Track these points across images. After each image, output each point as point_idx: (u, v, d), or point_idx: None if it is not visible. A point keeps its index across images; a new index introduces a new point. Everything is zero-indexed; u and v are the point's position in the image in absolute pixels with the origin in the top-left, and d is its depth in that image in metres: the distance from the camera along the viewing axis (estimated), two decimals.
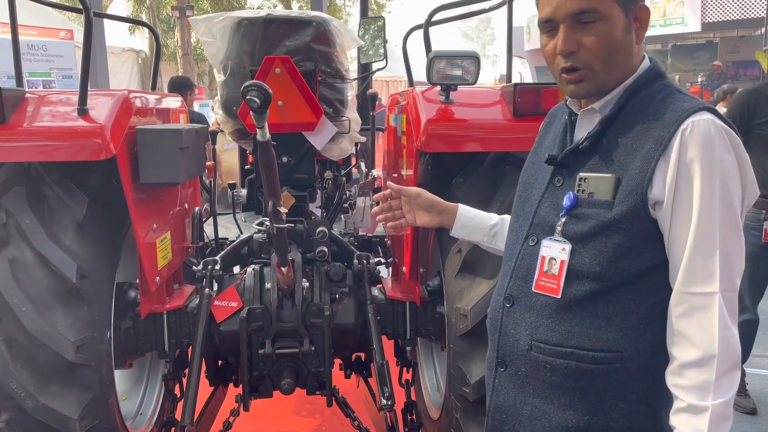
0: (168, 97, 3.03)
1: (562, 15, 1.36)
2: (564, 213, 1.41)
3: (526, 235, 1.50)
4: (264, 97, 1.79)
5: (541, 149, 1.59)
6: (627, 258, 1.35)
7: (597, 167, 1.39)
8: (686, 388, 1.29)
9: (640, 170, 1.33)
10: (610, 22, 1.35)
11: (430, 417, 2.90)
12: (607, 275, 1.36)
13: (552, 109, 1.68)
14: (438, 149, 2.41)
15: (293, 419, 3.77)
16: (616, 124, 1.40)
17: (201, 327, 2.58)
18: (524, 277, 1.48)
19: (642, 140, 1.35)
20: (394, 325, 2.84)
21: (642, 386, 1.39)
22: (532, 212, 1.50)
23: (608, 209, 1.35)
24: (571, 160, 1.44)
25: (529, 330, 1.45)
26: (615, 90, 1.41)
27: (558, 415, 1.43)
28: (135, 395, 2.96)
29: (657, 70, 1.43)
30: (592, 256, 1.37)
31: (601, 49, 1.36)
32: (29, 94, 2.26)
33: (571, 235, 1.40)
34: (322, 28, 2.95)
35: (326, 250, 2.86)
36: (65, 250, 2.17)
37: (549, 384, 1.43)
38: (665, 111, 1.34)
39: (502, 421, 1.53)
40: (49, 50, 9.02)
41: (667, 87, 1.41)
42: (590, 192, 1.38)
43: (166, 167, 2.37)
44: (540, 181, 1.52)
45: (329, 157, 3.25)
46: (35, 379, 2.07)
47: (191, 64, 18.49)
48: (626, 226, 1.34)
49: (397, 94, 3.15)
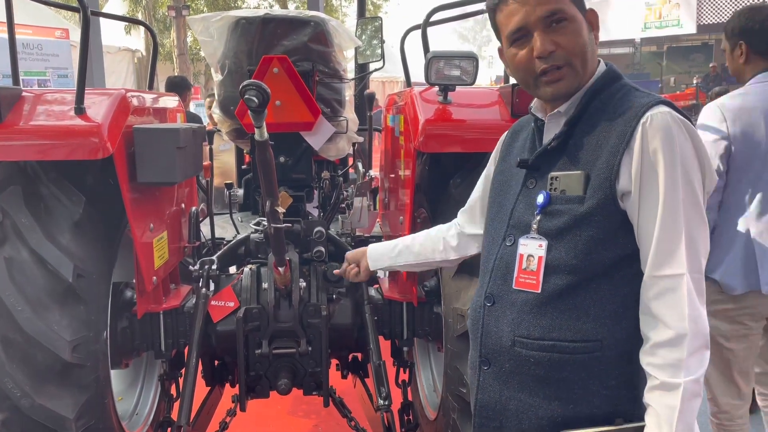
0: (165, 96, 3.03)
1: (534, 20, 1.42)
2: (538, 211, 1.47)
3: (503, 236, 1.56)
4: (262, 97, 1.79)
5: (510, 157, 1.66)
6: (600, 249, 1.41)
7: (566, 166, 1.46)
8: (659, 366, 1.34)
9: (607, 164, 1.39)
10: (576, 21, 1.43)
11: (427, 417, 2.90)
12: (583, 267, 1.42)
13: (514, 124, 1.76)
14: (436, 149, 2.42)
15: (290, 419, 3.76)
16: (581, 124, 1.47)
17: (198, 327, 2.58)
18: (503, 276, 1.53)
19: (606, 137, 1.42)
20: (391, 326, 2.84)
21: (621, 372, 1.44)
22: (507, 215, 1.56)
23: (580, 204, 1.42)
24: (541, 162, 1.51)
25: (511, 326, 1.49)
26: (578, 93, 1.48)
27: (544, 407, 1.47)
28: (131, 395, 2.95)
29: (614, 72, 1.51)
30: (568, 250, 1.43)
31: (576, 45, 1.43)
32: (26, 92, 2.25)
33: (547, 231, 1.46)
34: (320, 27, 2.95)
35: (323, 250, 2.86)
36: (62, 249, 2.16)
37: (533, 377, 1.47)
38: (625, 107, 1.42)
39: (489, 418, 1.56)
40: (44, 49, 8.99)
41: (625, 86, 1.49)
42: (562, 189, 1.45)
43: (163, 167, 2.37)
44: (513, 187, 1.59)
45: (326, 157, 3.25)
46: (31, 378, 2.07)
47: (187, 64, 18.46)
48: (598, 218, 1.40)
49: (394, 95, 3.15)
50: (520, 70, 1.49)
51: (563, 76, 1.44)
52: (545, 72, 1.44)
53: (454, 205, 2.47)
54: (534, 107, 1.59)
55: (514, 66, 1.50)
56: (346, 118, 3.19)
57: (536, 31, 1.42)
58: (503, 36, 1.50)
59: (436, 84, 2.43)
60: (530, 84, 1.50)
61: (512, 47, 1.48)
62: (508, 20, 1.46)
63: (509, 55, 1.50)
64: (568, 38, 1.42)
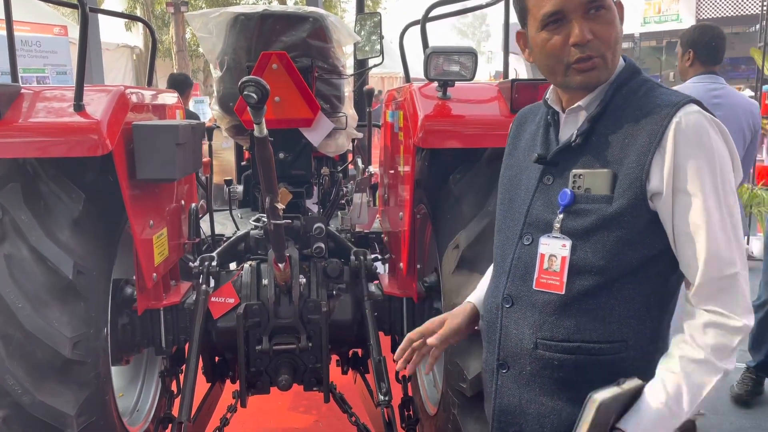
0: (164, 93, 3.02)
1: (575, 5, 1.35)
2: (561, 210, 1.42)
3: (520, 234, 1.50)
4: (261, 93, 1.78)
5: (518, 151, 1.61)
6: (628, 250, 1.37)
7: (590, 163, 1.41)
8: (709, 345, 1.33)
9: (637, 164, 1.35)
10: (612, 11, 1.38)
11: (428, 413, 2.90)
12: (610, 268, 1.38)
13: (519, 113, 1.71)
14: (435, 145, 2.41)
15: (290, 415, 3.77)
16: (604, 120, 1.42)
17: (198, 323, 2.58)
18: (522, 277, 1.48)
19: (633, 135, 1.37)
20: (391, 321, 2.84)
21: (644, 372, 1.41)
22: (523, 212, 1.51)
23: (608, 203, 1.37)
24: (561, 158, 1.46)
25: (533, 328, 1.45)
26: (599, 87, 1.43)
27: (567, 410, 1.43)
28: (132, 392, 2.95)
29: (634, 66, 1.47)
30: (595, 251, 1.39)
31: (611, 37, 1.38)
32: (24, 89, 2.24)
33: (571, 231, 1.41)
34: (318, 23, 2.94)
35: (323, 246, 2.86)
36: (61, 246, 2.16)
37: (556, 380, 1.44)
38: (652, 105, 1.38)
39: (508, 422, 1.52)
40: (43, 46, 8.96)
41: (647, 82, 1.45)
42: (587, 188, 1.40)
43: (163, 163, 2.37)
44: (525, 182, 1.53)
45: (326, 153, 3.25)
46: (32, 375, 2.07)
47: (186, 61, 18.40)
48: (627, 218, 1.36)
49: (393, 90, 3.15)
50: (550, 57, 1.41)
51: (596, 65, 1.38)
52: (579, 60, 1.38)
53: (453, 201, 2.48)
54: (550, 99, 1.51)
55: (545, 51, 1.41)
56: (345, 114, 3.19)
57: (575, 17, 1.35)
58: (533, 18, 1.41)
59: (435, 80, 2.43)
60: (558, 71, 1.41)
61: (544, 31, 1.39)
62: (542, 2, 1.38)
63: (539, 40, 1.41)
64: (605, 28, 1.37)
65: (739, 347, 1.35)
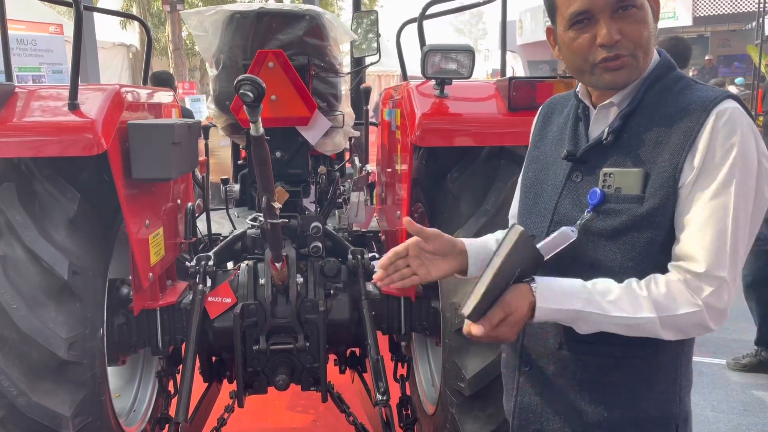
0: (160, 91, 3.01)
1: (603, 4, 1.32)
2: (590, 209, 1.38)
3: (546, 232, 1.45)
4: (257, 92, 1.77)
5: (545, 144, 1.56)
6: (659, 252, 1.34)
7: (621, 162, 1.37)
8: (667, 293, 1.29)
9: (670, 163, 1.31)
10: (644, 9, 1.34)
11: (425, 412, 2.89)
12: (640, 269, 1.34)
13: (546, 103, 1.65)
14: (433, 144, 2.40)
15: (288, 415, 3.76)
16: (636, 117, 1.38)
17: (194, 323, 2.57)
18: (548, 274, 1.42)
19: (666, 133, 1.33)
20: (389, 321, 2.83)
21: (670, 375, 1.40)
22: (550, 210, 1.47)
23: (639, 204, 1.33)
24: (591, 156, 1.42)
25: (558, 328, 1.42)
26: (633, 82, 1.39)
27: (589, 410, 1.42)
28: (128, 392, 2.94)
29: (668, 61, 1.42)
30: (624, 252, 1.35)
31: (641, 36, 1.34)
32: (19, 89, 2.23)
33: (600, 231, 1.37)
34: (315, 21, 2.93)
35: (320, 245, 2.85)
36: (57, 246, 2.15)
37: (579, 380, 1.42)
38: (688, 102, 1.34)
39: (529, 420, 1.51)
40: (38, 45, 8.95)
41: (682, 78, 1.40)
42: (617, 187, 1.36)
43: (159, 162, 2.35)
44: (552, 178, 1.49)
45: (323, 152, 3.23)
46: (27, 376, 2.06)
47: (182, 59, 18.38)
48: (659, 219, 1.32)
49: (390, 89, 3.14)
50: (577, 56, 1.38)
51: (624, 65, 1.35)
52: (606, 59, 1.34)
53: (451, 199, 2.47)
54: (581, 92, 1.47)
55: (572, 50, 1.38)
56: (342, 112, 3.18)
57: (603, 17, 1.32)
58: (561, 16, 1.38)
59: (433, 78, 2.42)
60: (585, 70, 1.39)
61: (571, 30, 1.37)
62: (570, 0, 1.35)
63: (566, 38, 1.38)
64: (635, 28, 1.33)
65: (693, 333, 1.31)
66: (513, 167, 2.39)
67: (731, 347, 4.73)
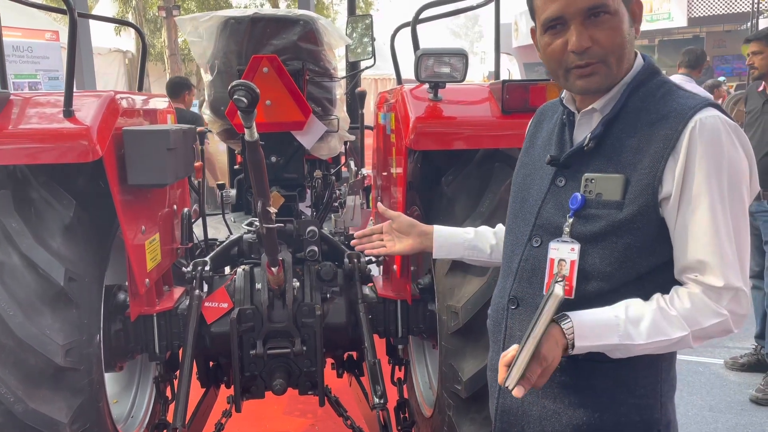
0: (155, 97, 3.01)
1: (574, 11, 1.34)
2: (572, 214, 1.39)
3: (529, 236, 1.48)
4: (251, 97, 1.78)
5: (534, 149, 1.58)
6: (636, 257, 1.35)
7: (603, 167, 1.38)
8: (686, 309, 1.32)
9: (650, 169, 1.32)
10: (618, 16, 1.35)
11: (423, 415, 2.90)
12: (617, 275, 1.36)
13: (540, 108, 1.67)
14: (427, 147, 2.41)
15: (285, 419, 3.76)
16: (619, 123, 1.39)
17: (191, 328, 2.57)
18: (529, 279, 1.47)
19: (648, 139, 1.34)
20: (386, 324, 2.83)
21: (649, 380, 1.41)
22: (534, 213, 1.49)
23: (618, 209, 1.34)
24: (573, 161, 1.43)
25: None
26: (614, 88, 1.40)
27: (569, 414, 1.43)
28: (126, 398, 2.94)
29: (652, 66, 1.43)
30: (603, 257, 1.37)
31: (614, 43, 1.35)
32: (14, 96, 2.23)
33: (580, 235, 1.39)
34: (309, 26, 2.94)
35: (317, 249, 2.85)
36: (53, 253, 2.15)
37: (558, 384, 1.43)
38: (669, 109, 1.34)
39: (510, 423, 1.52)
40: (34, 52, 8.94)
41: (666, 83, 1.41)
42: (598, 192, 1.37)
43: (154, 168, 2.36)
44: (538, 182, 1.51)
45: (318, 156, 3.24)
46: (24, 383, 2.05)
47: (178, 64, 18.37)
48: (637, 225, 1.34)
49: (385, 92, 3.15)
50: (552, 60, 1.40)
51: (596, 71, 1.36)
52: (578, 66, 1.37)
53: (446, 201, 2.48)
54: (565, 98, 1.50)
55: (547, 55, 1.41)
56: (337, 116, 3.19)
57: (574, 24, 1.34)
58: (538, 20, 1.41)
59: (426, 81, 2.43)
60: (560, 75, 1.41)
61: (546, 35, 1.39)
62: (545, 5, 1.37)
63: (542, 43, 1.41)
64: (607, 34, 1.33)
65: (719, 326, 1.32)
66: (507, 170, 2.40)
67: (729, 347, 4.74)
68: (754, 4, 10.58)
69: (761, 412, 3.92)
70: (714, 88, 10.03)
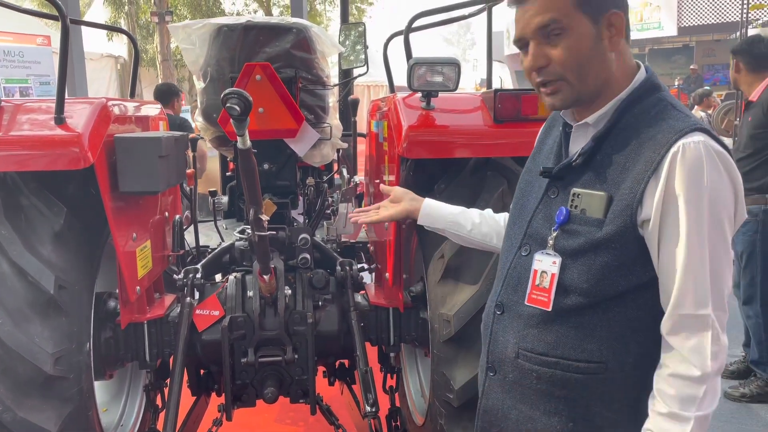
0: (147, 104, 3.01)
1: (530, 32, 1.38)
2: (556, 227, 1.41)
3: (520, 244, 1.51)
4: (244, 105, 1.78)
5: (539, 156, 1.60)
6: (614, 276, 1.35)
7: (590, 183, 1.39)
8: (672, 396, 1.31)
9: (631, 190, 1.32)
10: (575, 33, 1.35)
11: (415, 423, 2.89)
12: (594, 291, 1.37)
13: (552, 114, 1.67)
14: (419, 155, 2.42)
15: (277, 428, 3.74)
16: (610, 140, 1.39)
17: (182, 336, 2.56)
18: (515, 287, 1.50)
19: (634, 159, 1.34)
20: (378, 332, 2.83)
21: (626, 396, 1.40)
22: (526, 222, 1.51)
23: (598, 228, 1.35)
24: (565, 174, 1.45)
25: (517, 338, 1.47)
26: (609, 104, 1.40)
27: (543, 421, 1.45)
28: (116, 406, 2.92)
29: (653, 82, 1.41)
30: (581, 273, 1.37)
31: (569, 60, 1.35)
32: (4, 102, 2.22)
33: (563, 249, 1.40)
34: (302, 34, 2.94)
35: (309, 257, 2.85)
36: (42, 260, 2.14)
37: (535, 391, 1.46)
38: (658, 129, 1.33)
39: (491, 423, 1.56)
40: (26, 56, 8.91)
41: (661, 101, 1.39)
42: (582, 208, 1.38)
43: (146, 175, 2.35)
44: (536, 191, 1.53)
45: (311, 164, 3.24)
46: (13, 392, 2.04)
47: (171, 70, 18.35)
48: (615, 245, 1.34)
49: (378, 100, 3.15)
50: (527, 79, 1.45)
51: (558, 89, 1.38)
52: (541, 84, 1.40)
53: None
54: (563, 111, 1.50)
55: (524, 71, 1.45)
56: (330, 124, 3.19)
57: (531, 42, 1.38)
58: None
59: (419, 90, 2.43)
60: (537, 91, 1.45)
61: (521, 53, 1.44)
62: (514, 26, 1.42)
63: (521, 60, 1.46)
64: (560, 52, 1.35)
65: (711, 392, 1.30)
66: (499, 178, 2.41)
67: None
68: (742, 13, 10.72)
69: (751, 420, 3.94)
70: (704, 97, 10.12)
